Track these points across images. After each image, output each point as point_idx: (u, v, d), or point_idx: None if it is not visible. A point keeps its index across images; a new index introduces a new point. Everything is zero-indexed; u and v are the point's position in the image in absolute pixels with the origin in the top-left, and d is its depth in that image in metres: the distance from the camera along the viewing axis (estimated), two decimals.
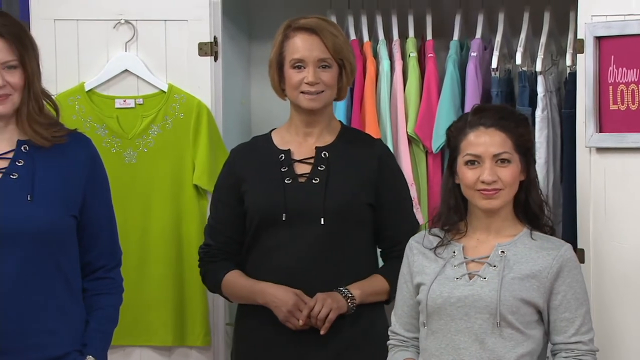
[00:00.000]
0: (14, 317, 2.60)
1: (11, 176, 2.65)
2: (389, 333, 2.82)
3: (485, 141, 2.67)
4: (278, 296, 2.91)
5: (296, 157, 3.00)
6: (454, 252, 2.71)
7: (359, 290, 2.93)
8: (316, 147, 3.00)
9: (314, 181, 2.96)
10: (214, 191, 3.09)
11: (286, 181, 2.96)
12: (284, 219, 2.93)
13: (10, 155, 2.67)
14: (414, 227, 3.03)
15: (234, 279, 2.99)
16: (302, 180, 2.97)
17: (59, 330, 2.67)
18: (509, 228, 2.71)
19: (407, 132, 3.54)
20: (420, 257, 2.74)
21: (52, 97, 2.76)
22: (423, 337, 2.71)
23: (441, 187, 2.80)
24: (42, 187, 2.65)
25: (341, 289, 2.92)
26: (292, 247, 2.94)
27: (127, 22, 3.44)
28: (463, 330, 2.64)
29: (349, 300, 2.91)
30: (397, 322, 2.79)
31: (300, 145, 3.01)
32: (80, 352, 2.70)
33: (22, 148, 2.67)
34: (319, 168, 2.97)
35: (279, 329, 2.93)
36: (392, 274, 2.88)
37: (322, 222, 2.92)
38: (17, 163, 2.66)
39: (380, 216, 2.98)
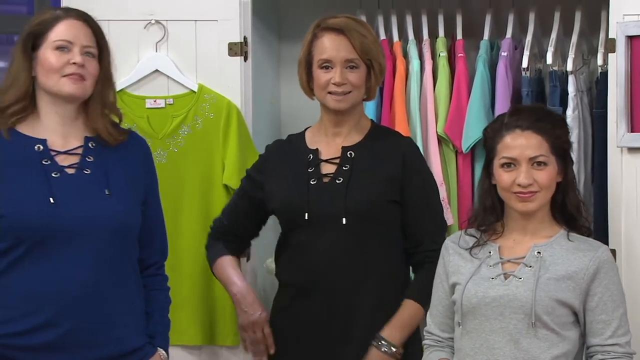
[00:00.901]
0: (92, 310, 2.64)
1: (84, 171, 2.68)
2: (424, 333, 2.82)
3: (521, 144, 2.66)
4: (247, 300, 3.07)
5: (323, 156, 3.01)
6: (490, 253, 2.70)
7: (398, 334, 2.93)
8: (342, 147, 3.00)
9: (337, 181, 2.97)
10: (244, 177, 3.14)
11: (311, 182, 2.97)
12: (306, 218, 2.94)
13: (80, 151, 2.70)
14: (440, 227, 3.02)
15: (222, 264, 3.11)
16: (326, 180, 2.98)
17: (131, 323, 2.71)
18: (546, 229, 2.71)
19: (436, 132, 3.53)
20: (456, 257, 2.74)
21: (116, 98, 2.80)
22: (458, 337, 2.71)
23: (477, 188, 2.80)
24: (115, 183, 2.69)
25: (382, 342, 2.92)
26: (315, 248, 2.96)
27: (157, 22, 3.46)
28: (498, 330, 2.64)
29: (393, 354, 2.91)
30: (432, 322, 2.79)
31: (329, 145, 3.02)
32: (151, 344, 2.74)
33: (89, 144, 2.71)
34: (343, 168, 2.98)
35: (312, 326, 2.96)
36: (422, 292, 2.88)
37: (344, 222, 2.92)
38: (87, 159, 2.70)
39: (404, 213, 2.98)
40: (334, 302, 2.95)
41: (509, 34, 3.56)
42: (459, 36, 3.60)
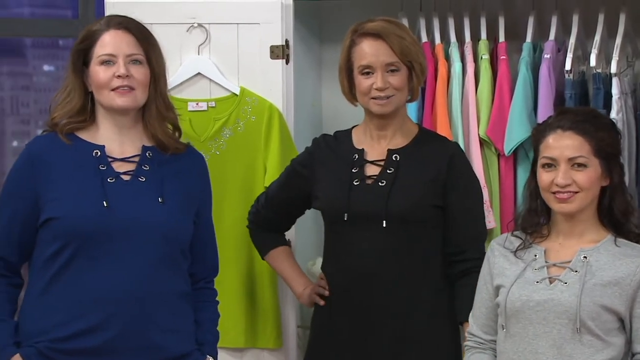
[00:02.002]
0: (140, 315, 2.66)
1: (139, 179, 2.71)
2: (467, 334, 2.81)
3: (561, 144, 2.65)
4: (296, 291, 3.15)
5: (368, 157, 3.01)
6: (535, 256, 2.69)
7: None
8: (388, 150, 3.00)
9: (380, 184, 2.97)
10: (288, 166, 3.17)
11: (354, 182, 2.97)
12: (345, 219, 2.94)
13: (136, 159, 2.73)
14: (481, 235, 3.00)
15: (277, 256, 3.19)
16: (369, 182, 2.98)
17: (180, 329, 2.74)
18: (593, 233, 2.68)
19: (478, 135, 3.51)
20: (501, 259, 2.73)
21: (174, 108, 2.81)
22: (501, 340, 2.70)
23: (522, 190, 2.79)
24: (169, 192, 2.72)
25: None
26: (353, 248, 2.97)
27: (200, 25, 3.48)
28: (541, 335, 2.62)
29: None
30: (475, 323, 2.78)
31: (373, 146, 3.03)
32: (200, 351, 2.76)
33: (146, 154, 2.73)
34: (387, 171, 2.98)
35: (347, 325, 2.97)
36: (467, 309, 2.86)
37: (384, 225, 2.92)
38: (143, 167, 2.72)
39: (446, 218, 2.97)
40: (369, 303, 2.96)
41: (552, 36, 3.54)
42: (502, 38, 3.58)
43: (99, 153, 2.71)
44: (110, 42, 2.70)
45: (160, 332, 2.69)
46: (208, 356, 2.80)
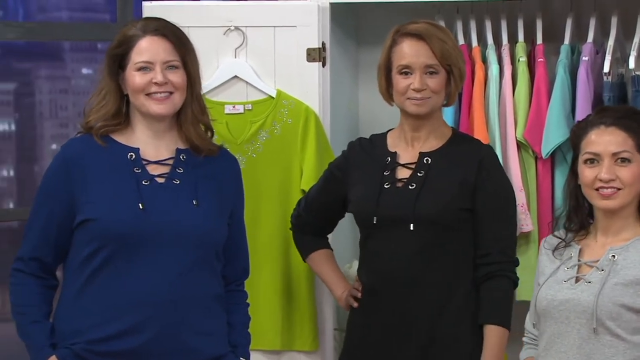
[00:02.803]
0: (175, 317, 2.67)
1: (174, 181, 2.72)
2: (525, 331, 2.82)
3: (604, 140, 2.65)
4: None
5: (401, 160, 3.01)
6: (571, 254, 2.70)
7: None
8: (420, 153, 2.99)
9: (410, 187, 2.96)
10: (326, 170, 3.17)
11: (384, 185, 2.97)
12: (375, 222, 2.94)
13: (171, 162, 2.74)
14: (507, 238, 2.98)
15: (318, 259, 3.18)
16: (399, 185, 2.98)
17: (214, 332, 2.74)
18: (629, 231, 2.68)
19: (516, 137, 3.50)
20: (544, 258, 2.76)
21: (207, 109, 2.82)
22: (538, 336, 2.73)
23: (563, 189, 2.79)
24: (203, 195, 2.72)
25: None
26: (382, 251, 2.97)
27: (237, 28, 3.48)
28: (563, 334, 2.63)
29: None
30: (529, 319, 2.81)
31: (407, 150, 3.02)
32: (234, 354, 2.77)
33: (180, 157, 2.74)
34: (418, 174, 2.97)
35: (376, 327, 2.97)
36: (502, 313, 2.87)
37: (412, 228, 2.92)
38: (177, 170, 2.73)
39: (475, 221, 2.96)
40: (397, 307, 2.96)
41: (590, 38, 3.51)
42: (539, 41, 3.56)
43: (134, 156, 2.73)
44: (147, 49, 2.71)
45: (195, 335, 2.70)
46: (242, 359, 2.80)
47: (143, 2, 3.53)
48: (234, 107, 3.47)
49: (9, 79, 5.01)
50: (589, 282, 2.63)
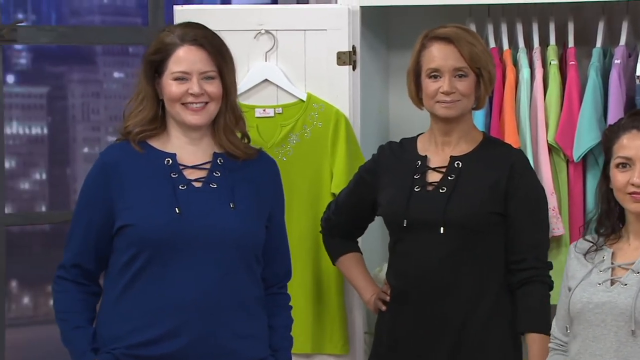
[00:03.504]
0: (214, 321, 2.68)
1: (211, 185, 2.73)
2: (550, 337, 2.80)
3: (636, 144, 2.64)
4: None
5: (431, 164, 3.00)
6: (603, 257, 2.68)
7: None
8: (451, 156, 2.99)
9: (440, 190, 2.96)
10: (356, 174, 3.17)
11: (415, 189, 2.97)
12: (404, 225, 2.94)
13: (208, 166, 2.74)
14: (541, 243, 2.97)
15: (347, 263, 3.19)
16: (430, 188, 2.97)
17: (255, 335, 2.75)
18: None
19: (547, 141, 3.48)
20: (574, 262, 2.73)
21: (244, 115, 2.82)
22: (569, 340, 2.71)
23: (594, 193, 2.77)
24: (240, 198, 2.73)
25: None
26: (412, 255, 2.97)
27: (267, 32, 3.49)
28: (599, 337, 2.61)
29: None
30: (556, 325, 2.78)
31: (437, 153, 3.02)
32: (274, 357, 2.78)
33: (217, 160, 2.75)
34: (449, 177, 2.97)
35: (405, 331, 2.98)
36: (543, 320, 2.85)
37: (442, 232, 2.91)
38: (214, 174, 2.74)
39: (507, 225, 2.95)
40: (425, 311, 2.95)
41: (622, 41, 3.49)
42: (571, 44, 3.55)
43: (171, 161, 2.74)
44: (184, 59, 2.71)
45: (234, 338, 2.70)
46: None
47: (174, 6, 3.54)
48: (264, 110, 3.48)
49: (42, 82, 5.04)
50: (625, 285, 2.61)
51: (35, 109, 4.98)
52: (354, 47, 3.48)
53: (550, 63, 3.53)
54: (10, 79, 4.85)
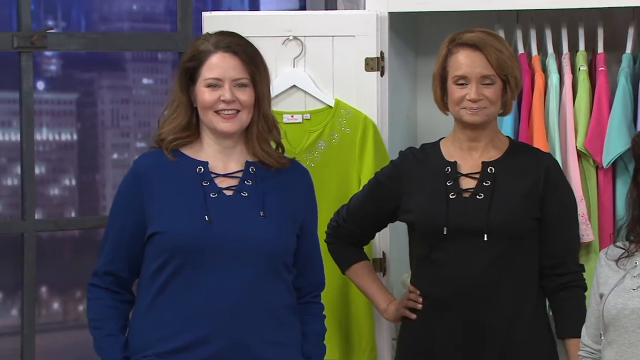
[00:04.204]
0: (244, 328, 2.68)
1: (242, 194, 2.73)
2: (580, 344, 2.79)
3: None
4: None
5: (462, 170, 2.98)
6: (636, 263, 2.68)
7: None
8: (483, 162, 2.97)
9: (478, 197, 2.94)
10: (372, 179, 3.14)
11: (450, 196, 2.95)
12: (445, 233, 2.92)
13: (240, 174, 2.75)
14: (577, 248, 2.96)
15: (359, 272, 3.15)
16: (466, 195, 2.95)
17: (287, 343, 2.75)
18: None
19: (576, 147, 3.47)
20: (606, 269, 2.72)
21: (278, 123, 2.83)
22: (602, 348, 2.69)
23: (625, 198, 2.76)
24: (271, 206, 2.74)
25: None
26: (453, 262, 2.95)
27: (295, 38, 3.50)
28: (636, 343, 2.60)
29: None
30: (587, 333, 2.77)
31: (466, 159, 3.00)
32: None
33: (250, 169, 2.76)
34: (484, 183, 2.95)
35: (445, 340, 2.96)
36: (580, 324, 2.82)
37: (485, 239, 2.90)
38: (246, 182, 2.75)
39: (543, 230, 2.94)
40: (469, 318, 2.93)
41: None
42: (600, 49, 3.53)
43: (203, 169, 2.75)
44: (217, 66, 2.72)
45: (266, 345, 2.71)
46: None
47: (203, 12, 3.56)
48: (292, 116, 3.49)
49: (71, 89, 5.07)
50: None
51: (65, 116, 5.00)
52: (382, 53, 3.48)
53: (579, 69, 3.51)
54: (40, 85, 4.87)
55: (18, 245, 3.84)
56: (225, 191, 2.74)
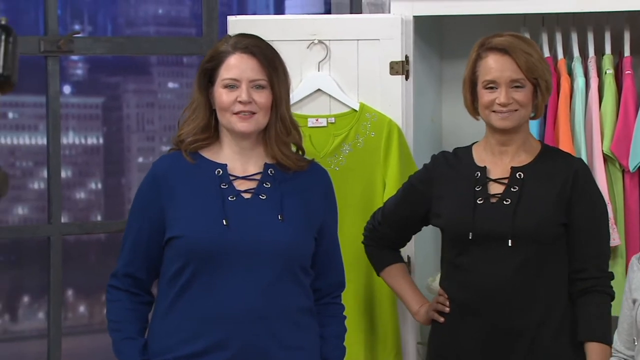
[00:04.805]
0: (261, 332, 2.67)
1: (260, 196, 2.73)
2: (612, 350, 2.77)
3: None
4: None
5: (491, 176, 2.98)
6: None
7: None
8: (512, 167, 2.96)
9: (505, 202, 2.93)
10: (406, 183, 3.14)
11: (478, 201, 2.94)
12: (470, 238, 2.91)
13: (258, 177, 2.75)
14: (603, 253, 2.94)
15: (394, 274, 3.16)
16: (493, 200, 2.94)
17: (305, 346, 2.74)
18: None
19: (602, 151, 3.45)
20: (638, 274, 2.71)
21: (299, 127, 2.83)
22: (636, 354, 2.68)
23: None
24: (289, 209, 2.73)
25: None
26: (479, 268, 2.94)
27: (320, 42, 3.50)
28: None
29: None
30: (619, 339, 2.76)
31: (496, 164, 2.99)
32: None
33: (268, 171, 2.76)
34: (512, 189, 2.94)
35: (471, 346, 2.95)
36: (603, 330, 2.82)
37: (510, 244, 2.89)
38: (264, 185, 2.74)
39: (570, 235, 2.92)
40: (496, 323, 2.92)
41: None
42: (627, 53, 3.52)
43: (221, 172, 2.75)
44: (235, 66, 2.72)
45: (283, 349, 2.70)
46: None
47: (228, 16, 3.56)
48: (317, 120, 3.49)
49: (97, 93, 5.09)
50: None
51: (90, 119, 5.02)
52: (406, 57, 3.48)
53: (605, 72, 3.50)
54: (66, 89, 4.90)
55: (44, 249, 3.85)
56: (243, 194, 2.73)
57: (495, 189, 2.97)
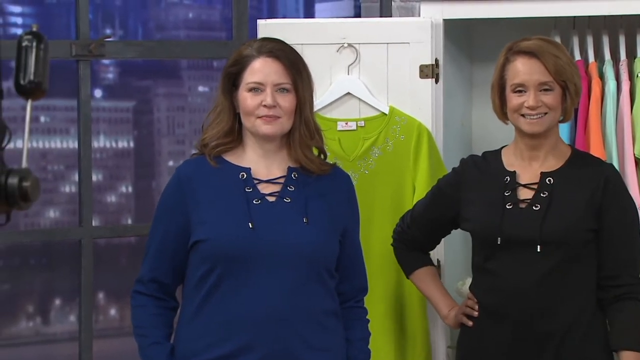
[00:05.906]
0: (288, 335, 2.67)
1: (285, 200, 2.74)
2: None
3: None
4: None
5: (521, 181, 2.96)
6: None
7: None
8: (542, 173, 2.95)
9: (534, 208, 2.91)
10: (435, 186, 3.14)
11: (507, 206, 2.93)
12: (499, 243, 2.90)
13: (282, 180, 2.75)
14: (635, 260, 2.92)
15: (423, 277, 3.17)
16: (522, 206, 2.93)
17: (331, 348, 2.75)
18: None
19: (634, 154, 3.43)
20: None
21: (321, 130, 2.83)
22: None
23: None
24: (314, 212, 2.74)
25: None
26: (507, 273, 2.92)
27: (350, 45, 3.50)
28: None
29: None
30: None
31: (525, 168, 2.98)
32: None
33: (292, 175, 2.76)
34: (541, 194, 2.92)
35: (498, 351, 2.93)
36: (633, 336, 2.80)
37: (539, 250, 2.87)
38: (288, 188, 2.75)
39: (600, 241, 2.90)
40: (523, 329, 2.91)
41: None
42: None
43: (245, 175, 2.75)
44: (259, 70, 2.72)
45: (309, 351, 2.70)
46: None
47: (258, 20, 3.57)
48: (346, 123, 3.48)
49: (128, 96, 5.12)
50: None
51: (121, 123, 5.05)
52: (436, 60, 3.47)
53: (637, 75, 3.47)
54: (97, 93, 4.93)
55: (75, 252, 3.87)
56: (268, 197, 2.74)
57: (525, 194, 2.95)
